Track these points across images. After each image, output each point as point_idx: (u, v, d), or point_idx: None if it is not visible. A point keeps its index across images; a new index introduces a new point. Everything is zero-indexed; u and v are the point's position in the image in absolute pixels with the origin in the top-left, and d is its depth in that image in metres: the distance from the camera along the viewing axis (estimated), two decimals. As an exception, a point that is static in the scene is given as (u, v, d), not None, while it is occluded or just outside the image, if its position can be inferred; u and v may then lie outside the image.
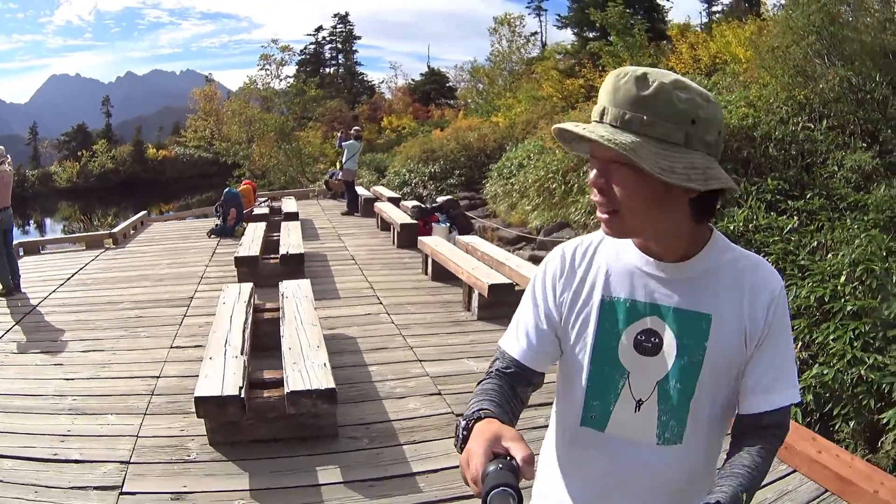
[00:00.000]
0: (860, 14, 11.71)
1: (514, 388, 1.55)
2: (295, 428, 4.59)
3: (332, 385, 4.45)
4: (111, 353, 6.49)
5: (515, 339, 1.61)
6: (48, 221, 37.96)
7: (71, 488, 4.01)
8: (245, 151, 30.16)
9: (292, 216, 13.36)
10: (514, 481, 1.09)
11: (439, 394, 5.45)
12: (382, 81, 60.65)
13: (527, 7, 50.83)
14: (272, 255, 9.54)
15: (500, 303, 7.25)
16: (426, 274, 9.69)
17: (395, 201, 15.26)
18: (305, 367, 4.68)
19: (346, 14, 69.17)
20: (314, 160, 29.93)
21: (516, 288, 7.47)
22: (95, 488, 4.00)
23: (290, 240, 10.04)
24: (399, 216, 12.39)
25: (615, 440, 1.52)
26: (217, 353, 4.93)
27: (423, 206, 12.71)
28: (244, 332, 5.46)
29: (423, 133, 29.14)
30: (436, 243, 9.68)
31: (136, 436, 4.67)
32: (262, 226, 11.49)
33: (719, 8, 43.67)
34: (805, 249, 7.57)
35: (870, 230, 7.38)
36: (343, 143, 16.25)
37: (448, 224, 11.93)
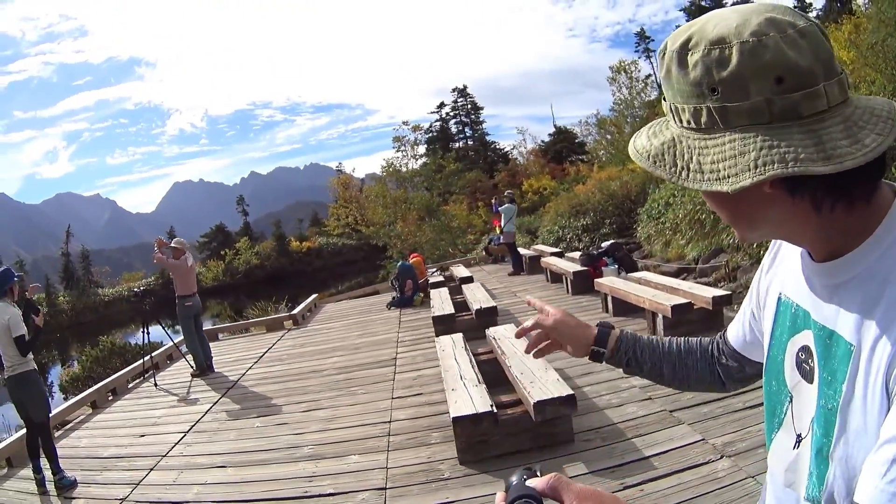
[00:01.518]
0: None
1: (713, 353, 1.53)
2: (535, 438, 5.32)
3: (571, 392, 5.22)
4: (333, 409, 7.31)
5: (735, 322, 1.47)
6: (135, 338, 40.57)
7: None
8: (394, 231, 31.41)
9: (467, 280, 14.33)
10: (538, 494, 1.04)
11: (650, 398, 6.13)
12: (513, 147, 61.76)
13: (634, 52, 51.14)
14: (464, 313, 10.41)
15: (683, 322, 8.00)
16: (607, 311, 10.42)
17: (558, 255, 16.13)
18: (541, 383, 5.44)
19: (465, 87, 71.09)
20: (463, 232, 30.99)
21: (695, 307, 8.15)
22: None
23: (478, 296, 10.96)
24: (569, 266, 13.25)
25: (773, 475, 1.24)
26: (456, 385, 5.77)
27: (590, 252, 13.40)
28: (473, 367, 6.31)
29: (563, 191, 29.86)
30: (612, 282, 10.48)
31: (386, 467, 5.44)
32: (444, 290, 12.58)
33: (813, 14, 42.55)
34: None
35: None
36: (499, 209, 16.91)
37: (616, 266, 12.57)
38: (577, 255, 14.92)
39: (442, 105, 69.79)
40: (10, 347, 5.98)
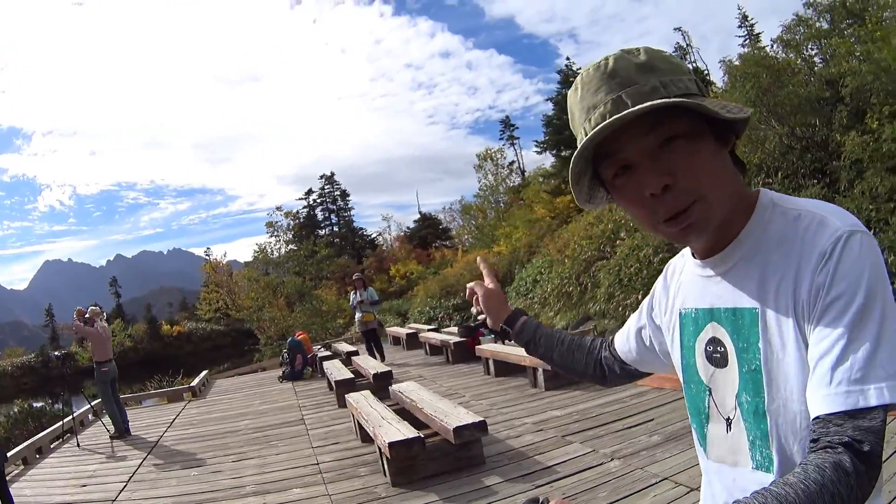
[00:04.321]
0: (788, 77, 13.64)
1: (601, 356, 1.73)
2: (454, 461, 6.24)
3: (482, 419, 6.22)
4: (260, 458, 7.88)
5: (622, 332, 1.70)
6: (74, 399, 39.36)
7: None
8: (267, 315, 31.63)
9: (354, 353, 15.19)
10: None
11: (542, 430, 7.27)
12: (378, 234, 62.84)
13: (499, 139, 53.66)
14: (360, 378, 11.22)
15: (562, 376, 9.14)
16: (489, 374, 11.52)
17: (434, 330, 17.27)
18: (455, 415, 6.40)
19: (332, 174, 71.81)
20: (333, 316, 31.58)
21: None
22: None
23: (371, 364, 11.81)
24: (448, 338, 14.44)
25: (718, 465, 1.34)
26: (381, 423, 6.60)
27: (468, 325, 14.47)
28: (389, 411, 7.20)
29: (430, 275, 31.10)
30: (492, 347, 11.68)
31: (328, 494, 6.14)
32: (337, 361, 13.50)
33: None
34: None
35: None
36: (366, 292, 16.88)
37: (493, 335, 13.65)
38: (452, 329, 16.12)
39: (310, 192, 70.38)
40: None
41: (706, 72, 40.82)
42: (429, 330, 17.44)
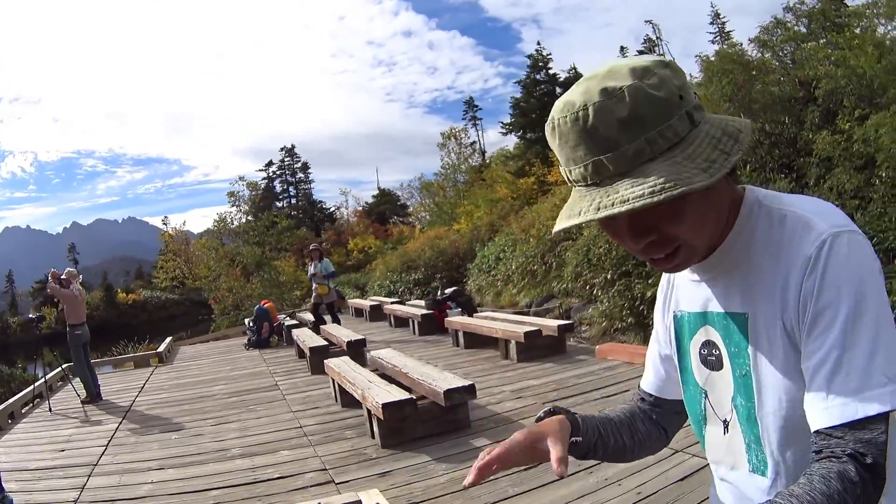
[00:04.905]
0: (762, 76, 14.02)
1: (646, 412, 1.52)
2: (441, 424, 6.43)
3: (471, 383, 6.42)
4: (240, 422, 7.90)
5: (646, 373, 1.56)
6: (31, 367, 38.97)
7: (289, 491, 5.42)
8: (225, 285, 31.35)
9: (321, 321, 15.06)
10: None
11: (521, 397, 7.57)
12: (336, 207, 62.54)
13: (462, 119, 53.73)
14: (333, 346, 11.33)
15: (535, 346, 9.66)
16: (458, 345, 11.76)
17: (398, 303, 17.57)
18: (444, 379, 6.60)
19: (293, 147, 71.03)
20: (290, 287, 31.45)
21: (543, 334, 9.75)
22: (314, 486, 5.50)
23: (343, 332, 11.89)
24: (415, 310, 14.66)
25: (717, 466, 1.37)
26: (370, 386, 6.73)
27: (436, 298, 14.67)
28: (375, 375, 7.35)
29: (388, 250, 31.17)
30: (463, 320, 11.93)
31: (318, 456, 6.24)
32: (307, 329, 13.67)
33: None
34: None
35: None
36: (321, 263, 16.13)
37: (459, 309, 13.87)
38: (417, 302, 16.34)
39: (270, 163, 69.55)
40: None
41: None
42: (392, 302, 17.63)
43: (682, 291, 1.38)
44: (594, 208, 1.02)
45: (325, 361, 8.74)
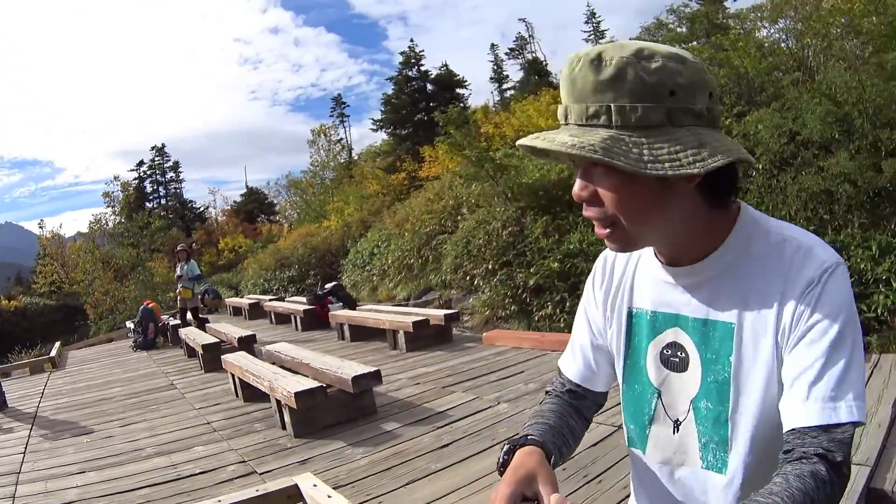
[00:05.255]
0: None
1: (575, 406, 1.51)
2: (350, 411, 6.61)
3: (376, 369, 6.66)
4: (148, 422, 7.78)
5: (571, 358, 1.56)
6: None
7: (215, 485, 5.38)
8: (101, 288, 30.44)
9: (205, 321, 14.89)
10: None
11: (418, 384, 7.85)
12: (205, 207, 61.10)
13: (330, 116, 53.50)
14: (224, 343, 11.23)
15: (421, 336, 9.99)
16: (343, 339, 11.91)
17: (278, 300, 17.53)
18: (348, 367, 6.81)
19: (164, 146, 68.45)
20: (164, 289, 30.79)
21: (431, 324, 10.08)
22: (237, 478, 5.47)
23: (231, 329, 11.87)
24: (297, 306, 14.66)
25: (660, 464, 1.38)
26: (276, 377, 6.82)
27: (316, 293, 14.74)
28: (277, 367, 7.46)
29: (259, 249, 30.89)
30: (348, 313, 12.12)
31: (234, 449, 6.25)
32: (194, 329, 13.40)
33: (510, 85, 46.41)
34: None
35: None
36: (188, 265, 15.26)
37: (340, 304, 14.01)
38: (296, 298, 16.42)
39: (141, 163, 67.01)
40: None
41: (545, 62, 43.01)
42: (271, 299, 17.59)
43: (647, 289, 1.39)
44: (534, 137, 1.14)
45: (222, 357, 8.73)
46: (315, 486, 4.20)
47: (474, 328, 12.37)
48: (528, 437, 1.30)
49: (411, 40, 45.40)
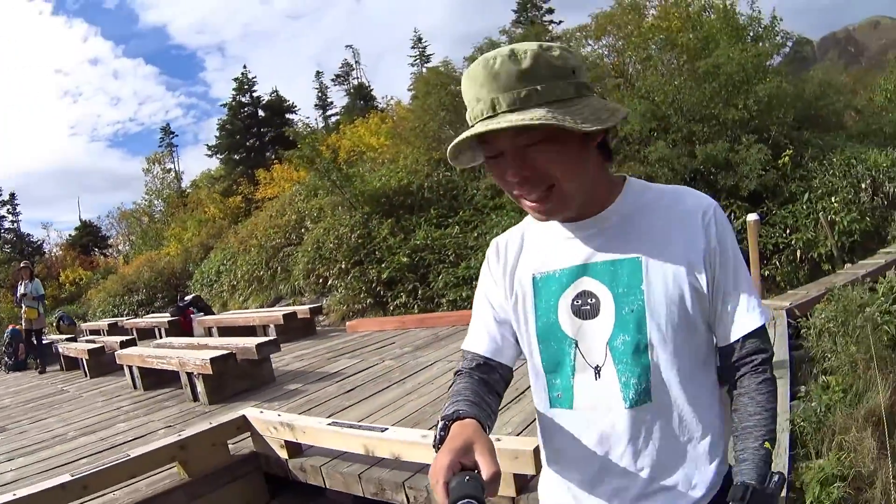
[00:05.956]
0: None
1: (487, 382, 1.54)
2: (251, 379, 7.57)
3: (275, 337, 7.72)
4: (58, 416, 8.03)
5: (476, 337, 1.61)
6: None
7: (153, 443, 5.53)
8: None
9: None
10: (480, 494, 1.09)
11: (303, 359, 8.92)
12: (42, 242, 58.27)
13: (158, 147, 52.66)
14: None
15: (291, 328, 11.00)
16: (210, 335, 12.21)
17: (134, 319, 17.66)
18: (250, 340, 7.82)
19: None
20: (5, 323, 29.66)
21: (298, 317, 11.25)
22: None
23: (110, 339, 12.07)
24: (161, 319, 15.17)
25: (586, 415, 1.46)
26: (182, 354, 7.64)
27: (178, 305, 15.27)
28: (182, 346, 8.35)
29: (101, 279, 30.41)
30: (217, 317, 13.27)
31: (156, 420, 6.78)
32: (64, 342, 13.51)
33: (334, 111, 47.95)
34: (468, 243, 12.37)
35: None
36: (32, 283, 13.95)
37: (202, 313, 14.71)
38: (153, 316, 17.02)
39: None
40: None
41: (370, 87, 45.01)
42: (128, 319, 17.58)
43: (549, 253, 1.52)
44: (484, 126, 1.24)
45: (117, 353, 9.29)
46: (262, 412, 5.21)
47: (333, 324, 13.44)
48: (459, 412, 1.33)
49: (244, 66, 45.83)
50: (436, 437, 1.31)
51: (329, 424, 4.65)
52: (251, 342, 7.55)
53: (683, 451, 1.43)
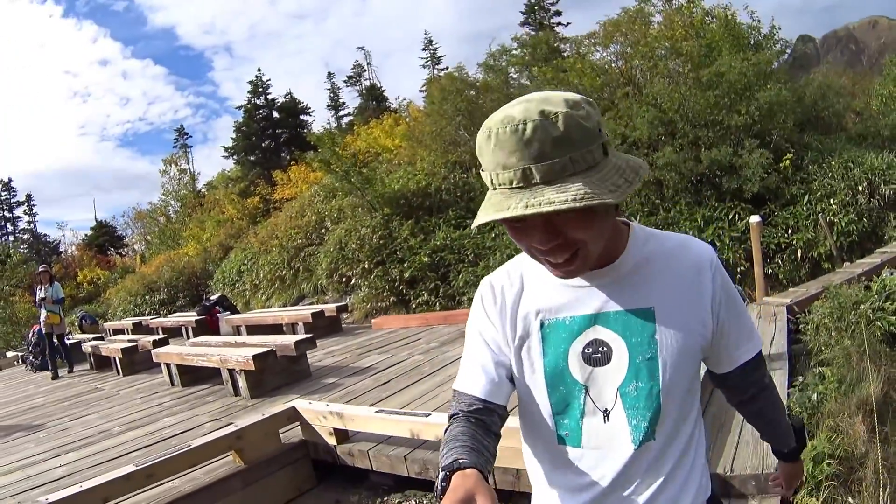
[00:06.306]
0: (486, 94, 17.19)
1: (485, 423, 1.49)
2: (290, 375, 8.11)
3: (311, 335, 8.30)
4: (99, 412, 8.50)
5: (471, 378, 1.56)
6: None
7: (202, 436, 5.83)
8: None
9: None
10: None
11: (333, 355, 9.49)
12: (58, 242, 58.82)
13: (173, 147, 53.14)
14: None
15: (318, 326, 11.41)
16: (238, 334, 12.73)
17: (160, 318, 18.17)
18: (284, 339, 8.38)
19: (10, 180, 64.89)
20: (28, 324, 30.12)
21: (326, 315, 11.81)
22: (217, 430, 5.77)
23: (143, 338, 12.61)
24: (188, 318, 15.70)
25: (593, 453, 1.49)
26: (222, 352, 8.12)
27: (205, 304, 15.79)
28: (217, 343, 8.94)
29: (119, 279, 30.90)
30: (243, 317, 13.88)
31: (201, 414, 7.27)
32: (92, 342, 14.05)
33: (347, 111, 48.05)
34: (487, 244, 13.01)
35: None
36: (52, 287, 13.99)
37: (228, 312, 15.22)
38: (179, 314, 17.63)
39: None
40: None
41: (381, 88, 45.68)
42: (154, 318, 17.99)
43: (557, 298, 1.50)
44: (522, 206, 1.18)
45: (154, 351, 9.78)
46: (310, 403, 5.75)
47: (356, 322, 13.99)
48: (459, 462, 1.30)
49: (259, 69, 46.23)
50: (437, 488, 1.28)
51: (377, 412, 5.16)
52: (289, 339, 8.07)
53: (680, 478, 1.51)
